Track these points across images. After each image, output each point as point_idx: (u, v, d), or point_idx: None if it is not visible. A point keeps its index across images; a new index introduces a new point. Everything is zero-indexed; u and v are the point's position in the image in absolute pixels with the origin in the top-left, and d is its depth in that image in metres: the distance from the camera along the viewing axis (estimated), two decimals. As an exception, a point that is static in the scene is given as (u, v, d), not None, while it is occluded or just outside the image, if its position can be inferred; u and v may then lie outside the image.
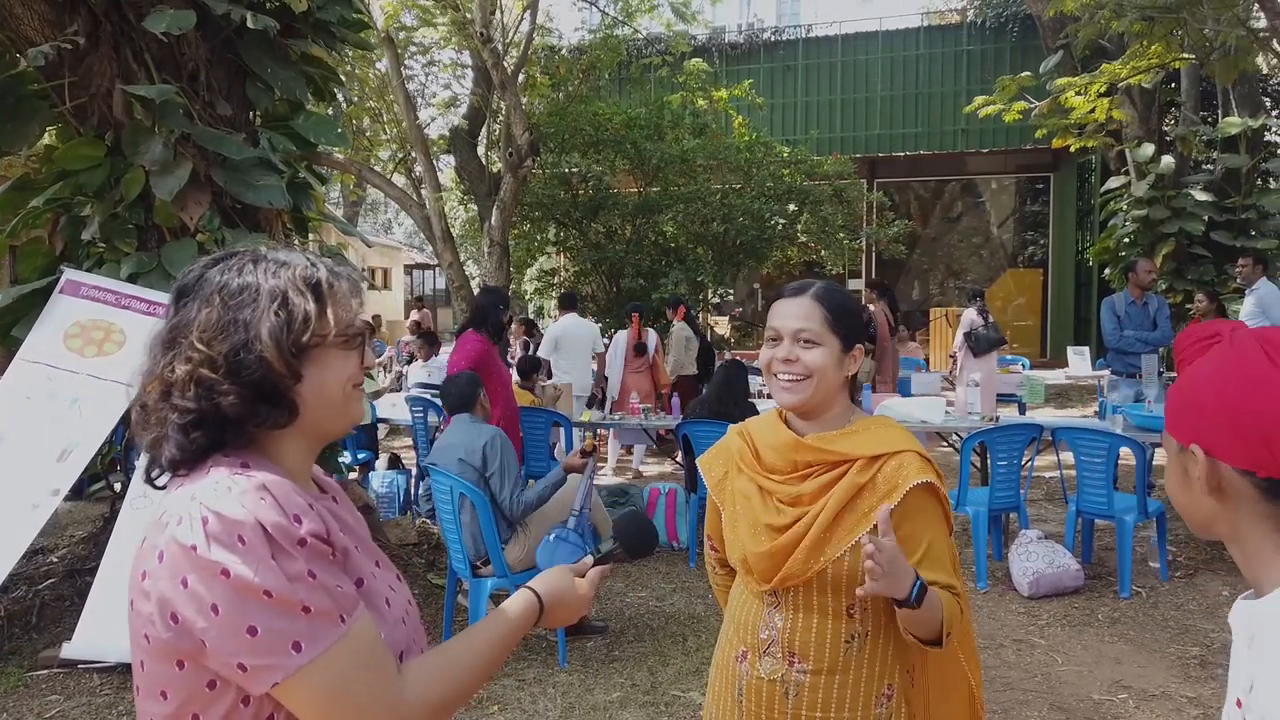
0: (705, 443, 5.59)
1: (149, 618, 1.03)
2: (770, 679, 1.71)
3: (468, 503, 4.17)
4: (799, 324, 1.71)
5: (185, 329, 1.09)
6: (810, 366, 1.69)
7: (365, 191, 20.32)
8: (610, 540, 1.51)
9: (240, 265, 1.14)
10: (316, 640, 1.01)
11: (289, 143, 5.13)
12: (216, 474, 1.06)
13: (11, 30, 4.56)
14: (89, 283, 4.60)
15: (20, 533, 4.11)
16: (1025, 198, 18.93)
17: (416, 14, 13.55)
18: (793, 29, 18.25)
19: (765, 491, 1.75)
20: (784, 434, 1.75)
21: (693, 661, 4.21)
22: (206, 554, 0.99)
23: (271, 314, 1.09)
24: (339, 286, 1.17)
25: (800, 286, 1.76)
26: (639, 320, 8.82)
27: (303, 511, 1.06)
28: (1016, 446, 5.34)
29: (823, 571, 1.66)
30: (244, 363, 1.07)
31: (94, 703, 3.82)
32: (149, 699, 1.07)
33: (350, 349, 1.17)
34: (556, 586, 1.35)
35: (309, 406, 1.13)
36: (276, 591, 0.99)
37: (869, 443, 1.70)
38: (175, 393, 1.08)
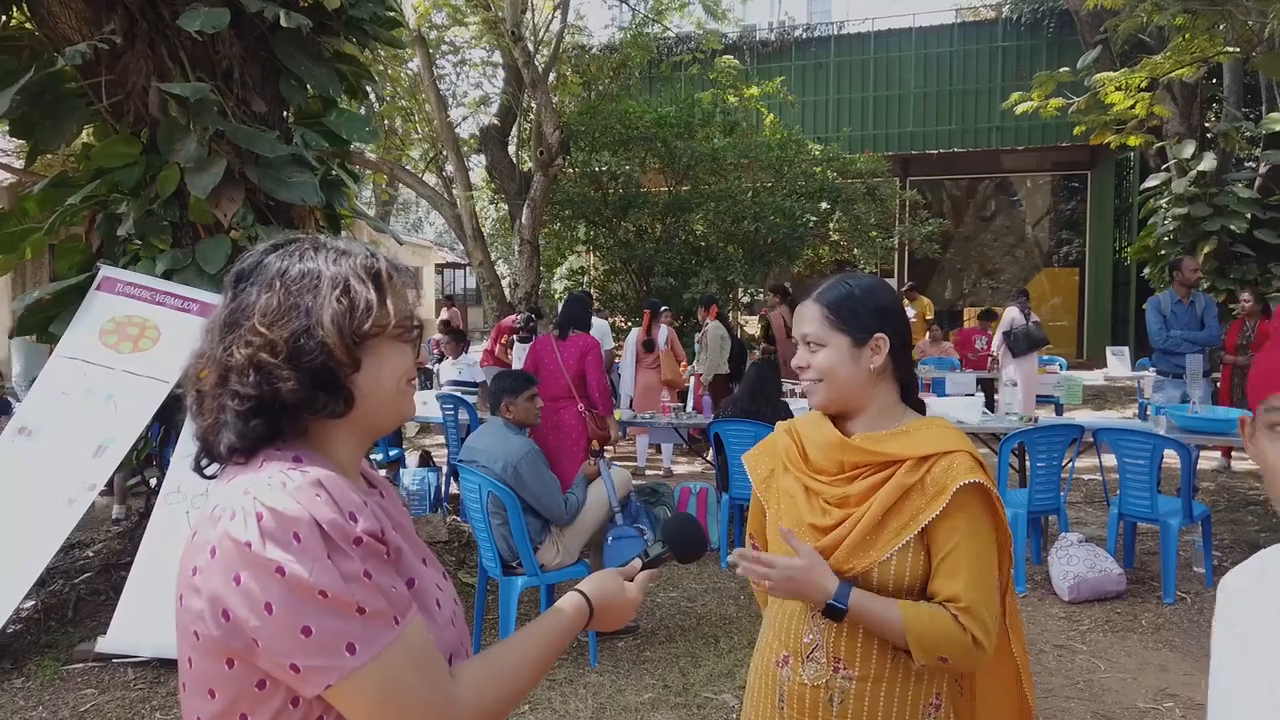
0: (737, 442, 5.54)
1: (199, 614, 1.00)
2: (814, 685, 1.65)
3: (499, 503, 4.14)
4: (805, 328, 1.71)
5: (245, 313, 1.07)
6: (819, 369, 1.67)
7: (397, 190, 20.45)
8: (659, 544, 1.46)
9: (301, 251, 1.12)
10: (371, 642, 0.98)
11: (322, 140, 5.14)
12: (270, 468, 1.03)
13: (49, 29, 4.61)
14: (125, 279, 4.63)
15: (56, 527, 4.15)
16: (1061, 196, 18.65)
17: (448, 12, 13.59)
18: (824, 26, 18.11)
19: (811, 491, 1.70)
20: (830, 433, 1.69)
21: (725, 663, 4.15)
22: (261, 551, 0.96)
23: (334, 300, 1.07)
24: (397, 279, 1.15)
25: (810, 289, 1.75)
26: (650, 316, 8.77)
27: (358, 509, 1.03)
28: (1056, 448, 5.23)
29: (868, 574, 1.60)
30: (305, 348, 1.04)
31: (128, 697, 3.84)
32: (196, 696, 1.04)
33: (406, 342, 1.15)
34: (606, 590, 1.32)
35: (364, 398, 1.10)
36: (332, 591, 0.97)
37: (918, 443, 1.63)
38: (234, 378, 1.05)
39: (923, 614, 1.54)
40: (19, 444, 4.43)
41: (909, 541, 1.59)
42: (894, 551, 1.59)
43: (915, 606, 1.56)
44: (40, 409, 4.49)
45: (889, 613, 1.55)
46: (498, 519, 4.17)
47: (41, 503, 4.20)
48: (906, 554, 1.59)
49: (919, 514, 1.58)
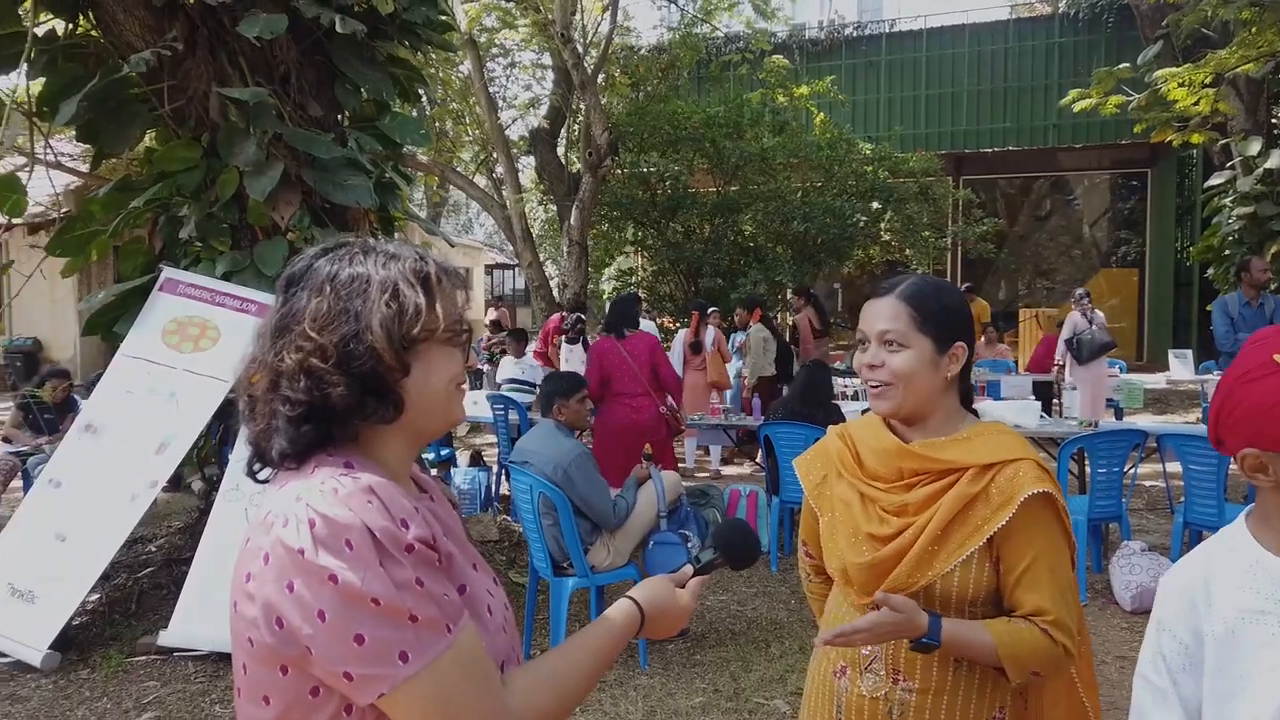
0: (787, 444, 5.50)
1: (253, 621, 1.00)
2: (873, 696, 1.61)
3: (550, 503, 4.15)
4: (883, 325, 1.59)
5: (295, 318, 1.07)
6: (896, 372, 1.57)
7: (448, 192, 20.67)
8: (711, 549, 1.43)
9: (350, 256, 1.11)
10: (423, 651, 0.98)
11: (376, 143, 5.20)
12: (322, 473, 1.03)
13: (114, 36, 4.72)
14: (186, 280, 4.73)
15: (121, 523, 4.26)
16: (1120, 194, 18.22)
17: (498, 15, 13.70)
18: (875, 24, 17.91)
19: (867, 499, 1.64)
20: (888, 439, 1.64)
21: (776, 668, 4.11)
22: (314, 559, 0.96)
23: (383, 305, 1.06)
24: (446, 282, 1.14)
25: (889, 285, 1.64)
26: (698, 318, 8.74)
27: (409, 516, 1.02)
28: (1118, 453, 5.10)
29: (930, 587, 1.56)
30: (354, 353, 1.04)
31: (188, 689, 3.92)
32: (251, 703, 1.05)
33: (455, 345, 1.14)
34: (658, 597, 1.30)
35: (414, 403, 1.10)
36: (384, 599, 0.96)
37: (981, 450, 1.57)
38: (284, 383, 1.05)
39: (1013, 632, 1.51)
40: (85, 441, 4.55)
41: (974, 553, 1.54)
42: (958, 563, 1.54)
43: (1004, 626, 1.52)
44: (105, 407, 4.61)
45: (979, 636, 1.50)
46: (549, 519, 4.18)
47: (107, 498, 4.31)
48: (970, 565, 1.54)
49: (984, 524, 1.53)
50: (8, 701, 3.82)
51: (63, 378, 7.30)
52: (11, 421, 7.16)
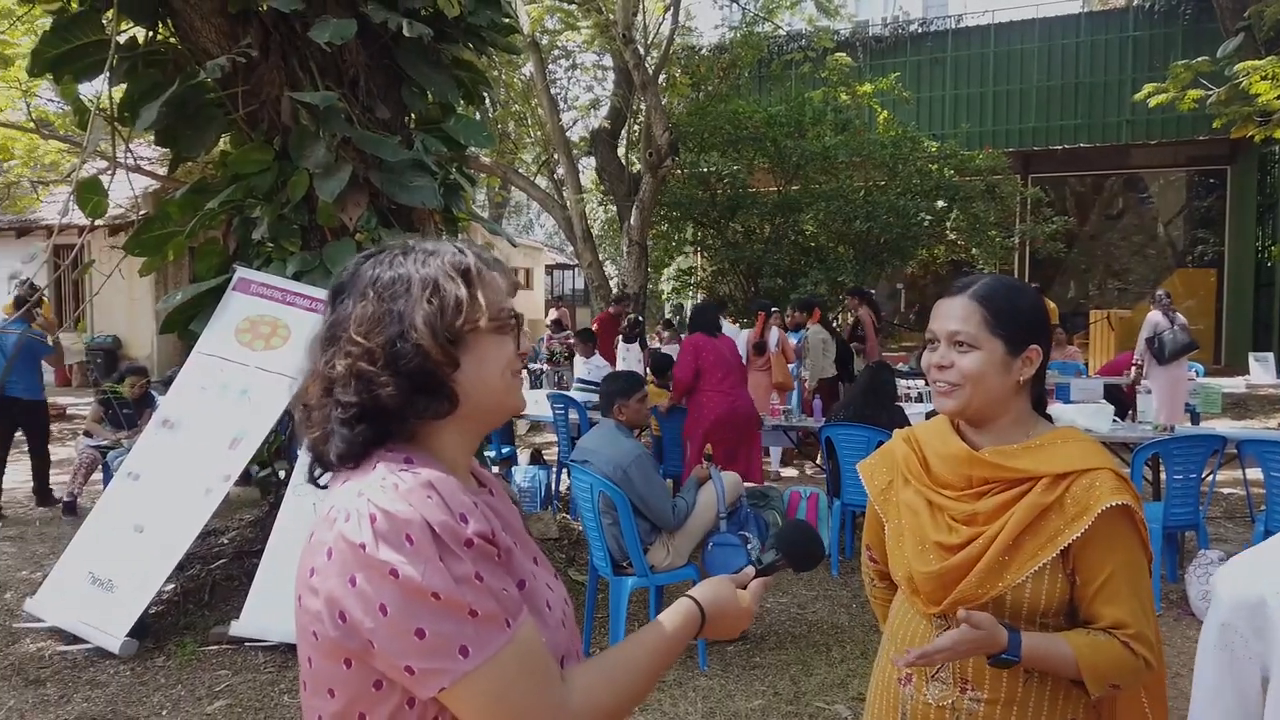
0: (849, 446, 5.43)
1: (317, 615, 1.02)
2: (939, 705, 1.58)
3: (610, 502, 4.16)
4: (954, 326, 1.56)
5: (343, 325, 1.09)
6: (965, 373, 1.54)
7: (510, 193, 20.88)
8: (773, 551, 1.41)
9: (391, 258, 1.13)
10: (483, 645, 0.98)
11: (441, 145, 5.27)
12: (382, 469, 1.04)
13: (191, 43, 4.87)
14: (258, 280, 4.86)
15: (195, 515, 4.39)
16: (1197, 192, 17.63)
17: (560, 17, 13.79)
18: (941, 20, 17.60)
19: (935, 507, 1.61)
20: (956, 445, 1.60)
21: (837, 673, 4.07)
22: (375, 553, 0.97)
23: (424, 302, 1.08)
24: (487, 272, 1.15)
25: (962, 284, 1.60)
26: (764, 318, 8.69)
27: (469, 511, 1.03)
28: (1195, 459, 4.93)
29: (1000, 598, 1.52)
30: (401, 352, 1.05)
31: (258, 679, 4.02)
32: (316, 695, 1.07)
33: (504, 334, 1.15)
34: (718, 598, 1.28)
35: (468, 395, 1.11)
36: (444, 593, 0.97)
37: (1055, 459, 1.53)
38: (337, 388, 1.07)
39: (1093, 645, 1.48)
40: (162, 436, 4.70)
41: (1046, 564, 1.50)
42: (1030, 575, 1.51)
43: (1084, 639, 1.49)
44: (181, 403, 4.76)
45: (1058, 649, 1.47)
46: (608, 518, 4.20)
47: (182, 491, 4.44)
48: (1043, 577, 1.51)
49: (1057, 535, 1.49)
50: (88, 687, 3.96)
51: (141, 374, 7.54)
52: (92, 416, 7.43)
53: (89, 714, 3.71)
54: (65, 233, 8.59)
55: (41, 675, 4.07)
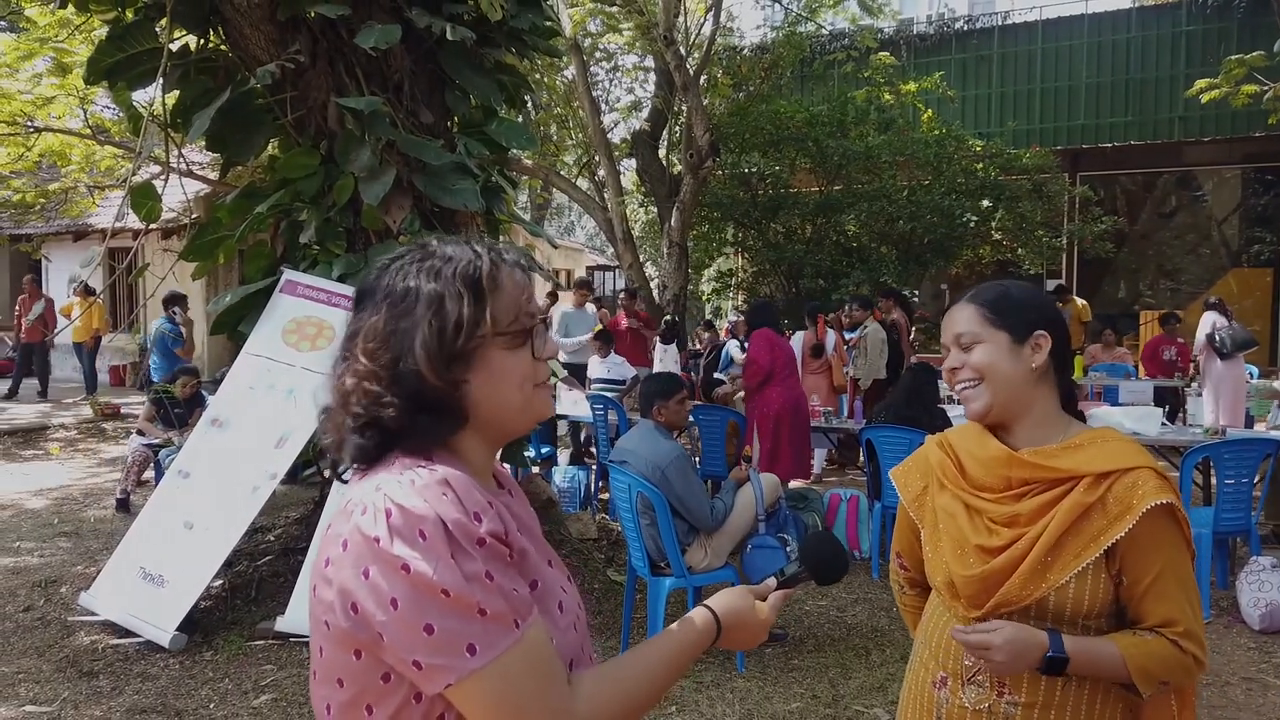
0: (890, 449, 5.39)
1: (330, 605, 1.03)
2: (976, 709, 1.57)
3: (648, 503, 4.18)
4: (957, 329, 1.63)
5: (357, 337, 1.10)
6: (977, 367, 1.58)
7: (551, 195, 20.99)
8: (795, 564, 1.40)
9: (406, 266, 1.13)
10: (490, 644, 0.99)
11: (483, 148, 5.33)
12: (401, 464, 1.06)
13: (241, 50, 4.98)
14: (304, 282, 4.95)
15: (243, 513, 4.48)
16: (1253, 190, 17.15)
17: (602, 20, 13.84)
18: (987, 17, 17.34)
19: (973, 510, 1.60)
20: (994, 447, 1.60)
21: (876, 677, 4.04)
22: (389, 547, 0.99)
23: (425, 324, 1.07)
24: (503, 279, 1.13)
25: (966, 294, 1.68)
26: (823, 320, 8.64)
27: (482, 510, 1.04)
28: (1247, 464, 4.82)
29: (1043, 600, 1.51)
30: (401, 374, 1.06)
31: (302, 674, 4.09)
32: (325, 684, 1.08)
33: (518, 346, 1.13)
34: (735, 608, 1.27)
35: (481, 409, 1.11)
36: (454, 591, 0.98)
37: (1096, 458, 1.53)
38: (349, 399, 1.09)
39: (1140, 645, 1.49)
40: (212, 434, 4.81)
41: (1089, 565, 1.49)
42: (1073, 575, 1.50)
43: (1130, 639, 1.49)
44: (230, 402, 4.87)
45: (1105, 650, 1.47)
46: (646, 519, 4.21)
47: (231, 489, 4.54)
48: (1086, 577, 1.50)
49: (1100, 535, 1.49)
50: (139, 679, 4.06)
51: (192, 374, 7.72)
52: (145, 415, 7.61)
53: (139, 706, 3.81)
54: (119, 236, 8.82)
55: (95, 668, 4.19)
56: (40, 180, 12.38)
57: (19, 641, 4.50)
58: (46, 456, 9.71)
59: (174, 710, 3.77)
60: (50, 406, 12.57)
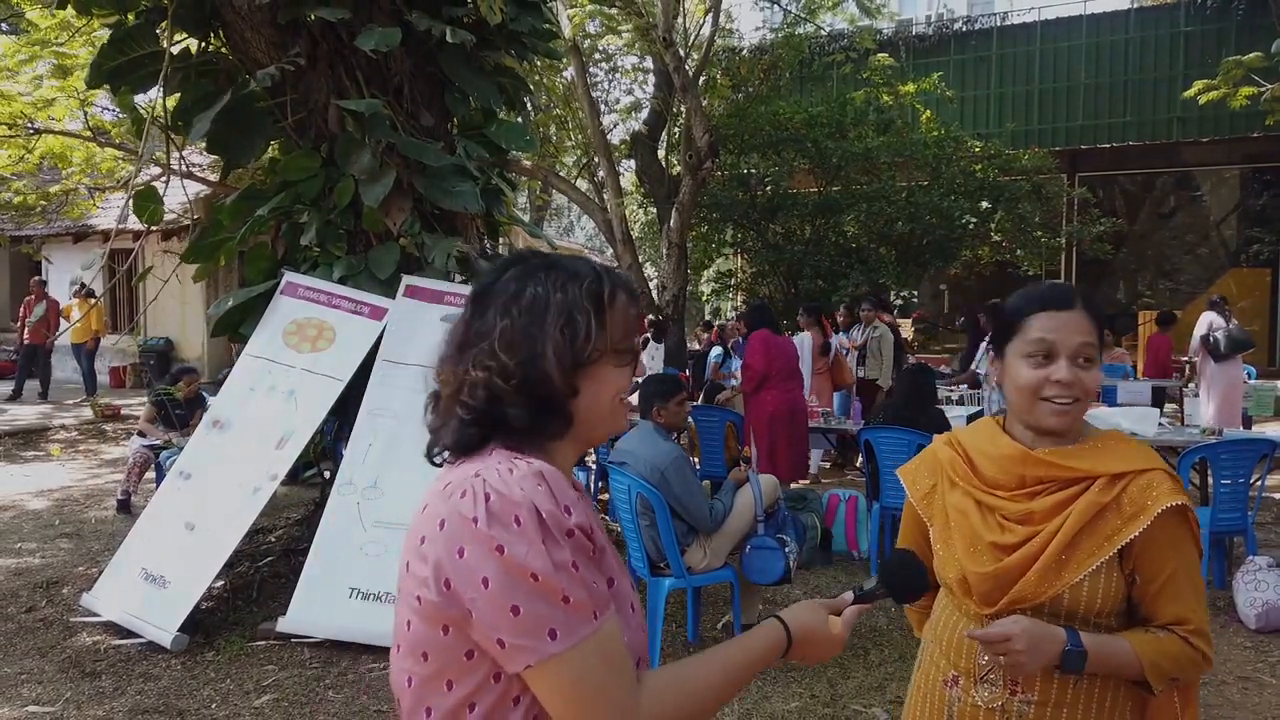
0: (889, 449, 5.41)
1: (424, 580, 1.08)
2: (989, 708, 1.58)
3: (647, 504, 4.20)
4: (1082, 338, 1.53)
5: (483, 334, 1.15)
6: (1089, 388, 1.53)
7: (550, 196, 21.02)
8: (874, 580, 1.40)
9: (532, 276, 1.18)
10: (570, 632, 1.04)
11: (483, 150, 5.36)
12: (499, 455, 1.12)
13: (242, 53, 5.00)
14: (304, 284, 4.97)
15: (244, 514, 4.50)
16: (1251, 190, 17.19)
17: (601, 21, 13.87)
18: (986, 18, 17.38)
19: (985, 507, 1.61)
20: (1008, 445, 1.60)
21: (875, 676, 4.06)
22: (485, 529, 1.04)
23: (557, 332, 1.13)
24: (619, 299, 1.20)
25: (1063, 293, 1.57)
26: (829, 321, 8.68)
27: (573, 504, 1.09)
28: (1243, 464, 4.84)
29: (1057, 597, 1.52)
30: (531, 377, 1.12)
31: (304, 675, 4.11)
32: (409, 657, 1.13)
33: (624, 364, 1.21)
34: (809, 622, 1.29)
35: (581, 417, 1.18)
36: (542, 576, 1.03)
37: (1110, 459, 1.54)
38: (466, 391, 1.14)
39: (1153, 642, 1.50)
40: (213, 436, 4.83)
41: (1103, 564, 1.51)
42: (1087, 574, 1.51)
43: (1143, 637, 1.51)
44: (231, 404, 4.88)
45: (1120, 647, 1.49)
46: (646, 520, 4.23)
47: (231, 490, 4.56)
48: (1100, 576, 1.51)
49: (1114, 534, 1.51)
50: (141, 680, 4.08)
51: (194, 375, 7.73)
52: (146, 416, 7.62)
53: (142, 706, 3.82)
54: (119, 238, 8.83)
55: (97, 668, 4.20)
56: (41, 182, 12.41)
57: (21, 642, 4.51)
58: (47, 458, 9.72)
59: (176, 710, 3.79)
60: (51, 408, 12.59)
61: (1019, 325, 1.58)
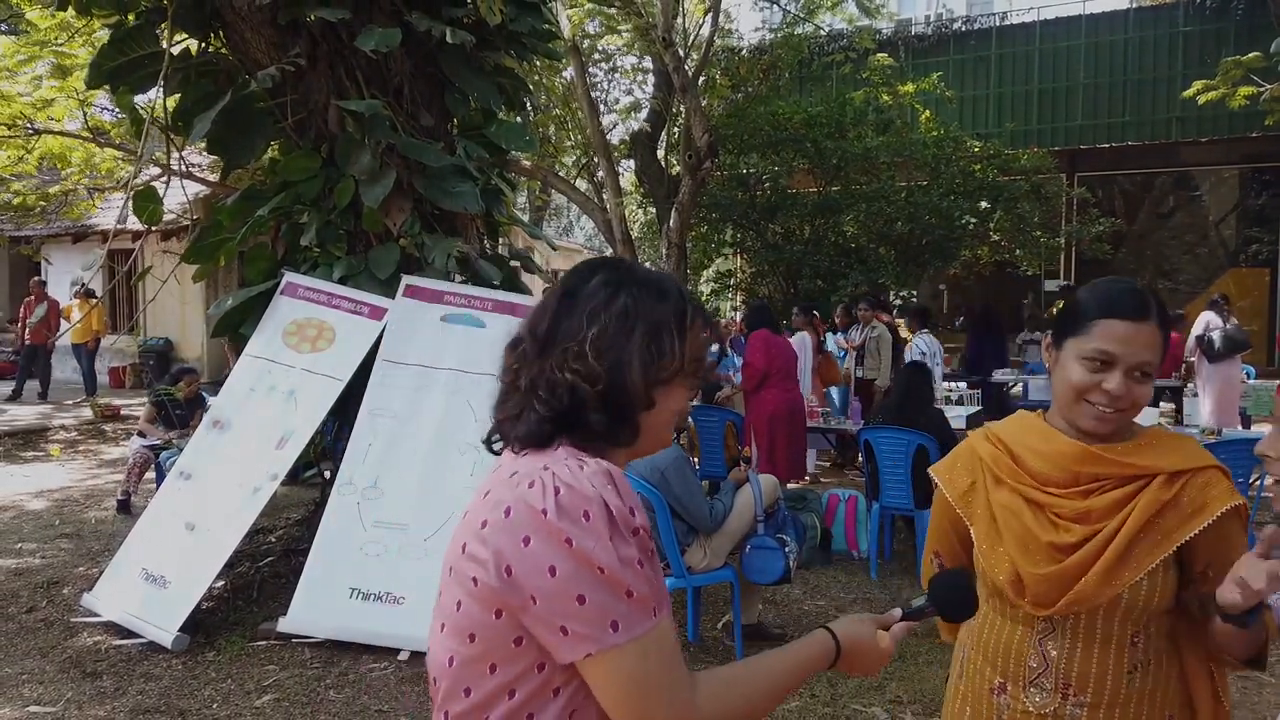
0: (888, 449, 5.42)
1: (483, 563, 1.10)
2: (1040, 713, 1.56)
3: (647, 504, 4.20)
4: (1144, 356, 1.48)
5: (572, 337, 1.17)
6: (1139, 402, 1.50)
7: (550, 196, 21.02)
8: (924, 597, 1.40)
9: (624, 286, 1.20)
10: (632, 625, 1.06)
11: (483, 150, 5.36)
12: (565, 451, 1.14)
13: (242, 54, 5.01)
14: (304, 284, 4.97)
15: (244, 514, 4.50)
16: (1250, 190, 17.21)
17: (601, 21, 13.87)
18: (985, 18, 17.39)
19: (1037, 505, 1.56)
20: (1064, 443, 1.56)
21: (874, 676, 4.06)
22: (555, 521, 1.06)
23: (645, 345, 1.17)
24: (697, 325, 1.24)
25: (1140, 303, 1.50)
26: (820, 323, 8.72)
27: (636, 505, 1.12)
28: (1242, 464, 4.85)
29: (1116, 597, 1.50)
30: (617, 385, 1.15)
31: (305, 674, 4.12)
32: (455, 638, 1.15)
33: (690, 386, 1.25)
34: (857, 634, 1.31)
35: (646, 431, 1.21)
36: (609, 569, 1.06)
37: (1168, 456, 1.53)
38: (544, 388, 1.16)
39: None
40: (213, 436, 4.84)
41: (1160, 563, 1.50)
42: (1147, 574, 1.49)
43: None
44: (231, 404, 4.89)
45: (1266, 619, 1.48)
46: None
47: (232, 490, 4.56)
48: (1158, 574, 1.50)
49: (1174, 532, 1.49)
50: (142, 680, 4.08)
51: (194, 375, 7.73)
52: (146, 416, 7.62)
53: (143, 706, 3.83)
54: (119, 238, 8.83)
55: (98, 668, 4.21)
56: (40, 183, 12.41)
57: (22, 643, 4.52)
58: (47, 458, 9.73)
59: (177, 710, 3.80)
60: (51, 408, 12.59)
61: (1086, 325, 1.52)
